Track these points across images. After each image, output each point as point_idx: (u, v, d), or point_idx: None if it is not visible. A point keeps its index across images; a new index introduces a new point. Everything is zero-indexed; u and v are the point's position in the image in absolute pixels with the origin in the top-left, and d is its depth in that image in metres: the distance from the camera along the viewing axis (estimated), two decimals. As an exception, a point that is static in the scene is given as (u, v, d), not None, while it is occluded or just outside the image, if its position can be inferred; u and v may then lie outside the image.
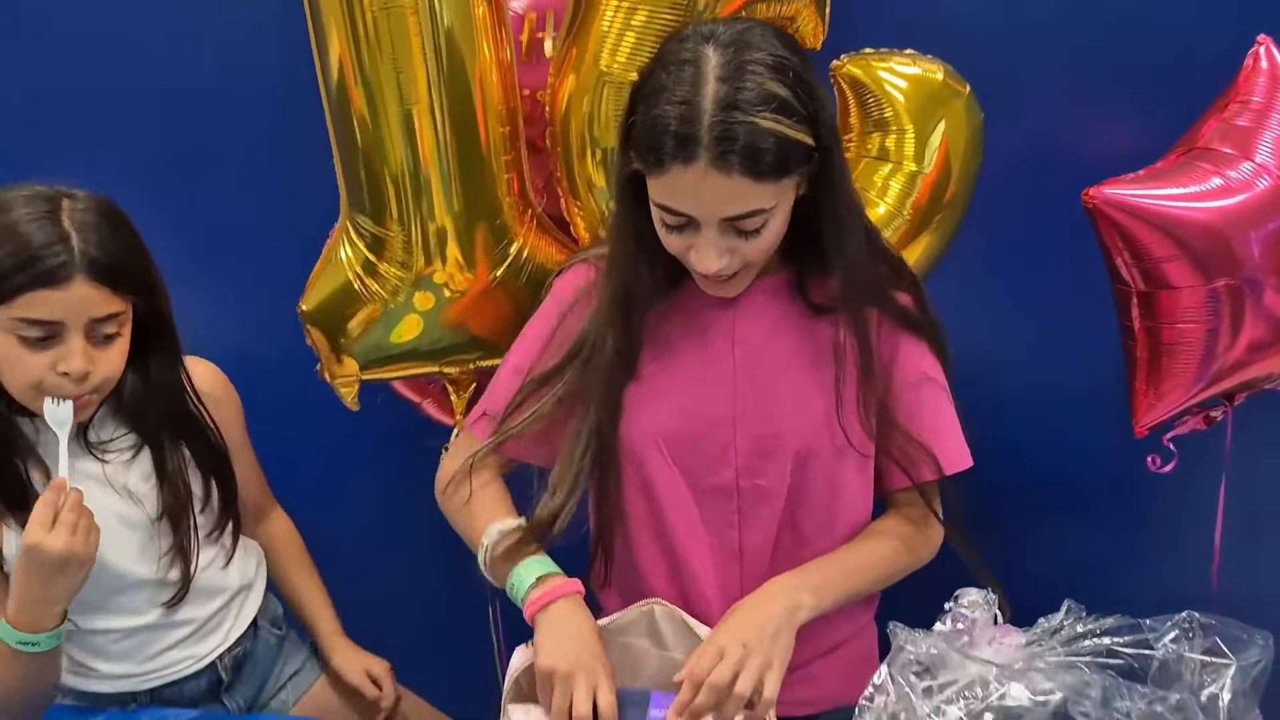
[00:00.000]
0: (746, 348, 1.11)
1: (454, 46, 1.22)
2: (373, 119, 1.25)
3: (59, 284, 1.06)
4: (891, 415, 1.10)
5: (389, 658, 1.41)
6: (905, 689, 0.97)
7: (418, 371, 1.40)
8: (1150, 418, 1.26)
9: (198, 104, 1.59)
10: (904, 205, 1.27)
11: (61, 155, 1.48)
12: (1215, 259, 1.15)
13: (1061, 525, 1.57)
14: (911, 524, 1.15)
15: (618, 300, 1.08)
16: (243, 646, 1.33)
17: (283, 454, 1.41)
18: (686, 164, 0.94)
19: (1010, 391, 1.50)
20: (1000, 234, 1.39)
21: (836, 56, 1.29)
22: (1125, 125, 1.39)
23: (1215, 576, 1.38)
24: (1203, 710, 0.93)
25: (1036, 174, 1.35)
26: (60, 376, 1.08)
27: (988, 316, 1.46)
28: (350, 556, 1.58)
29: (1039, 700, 0.98)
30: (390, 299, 1.32)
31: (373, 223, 1.30)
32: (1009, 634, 1.03)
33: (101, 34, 1.57)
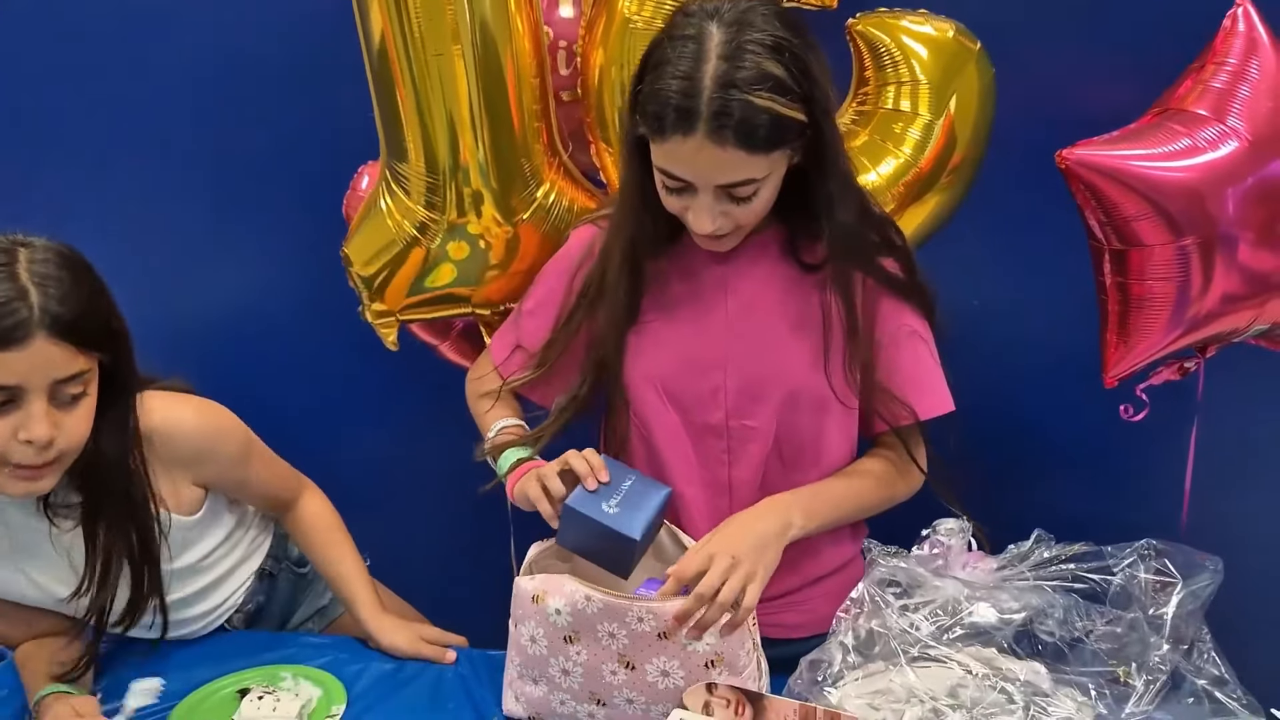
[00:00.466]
0: (738, 298, 1.18)
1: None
2: (410, 67, 1.29)
3: (17, 344, 0.96)
4: (873, 372, 1.17)
5: (413, 587, 1.45)
6: (881, 603, 1.05)
7: (453, 313, 1.46)
8: (1119, 369, 1.30)
9: (230, 43, 1.63)
10: (920, 155, 1.32)
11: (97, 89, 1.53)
12: (1184, 217, 1.18)
13: (1040, 471, 1.63)
14: (892, 463, 1.22)
15: (623, 249, 1.16)
16: (254, 602, 1.37)
17: (316, 392, 1.45)
18: (685, 135, 1.01)
19: (995, 342, 1.56)
20: (988, 190, 1.43)
21: (853, 15, 1.34)
22: (1115, 84, 1.42)
23: (1185, 519, 1.45)
24: (1152, 627, 1.00)
25: (1022, 132, 1.39)
26: (23, 445, 0.99)
27: (974, 268, 1.51)
28: (376, 491, 1.66)
29: (1005, 618, 1.05)
30: (428, 244, 1.38)
31: (409, 170, 1.36)
32: (981, 559, 1.11)
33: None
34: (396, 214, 1.38)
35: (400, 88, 1.31)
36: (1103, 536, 1.07)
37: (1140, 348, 1.28)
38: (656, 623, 1.01)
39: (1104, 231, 1.23)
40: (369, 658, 1.27)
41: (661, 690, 1.03)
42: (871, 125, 1.34)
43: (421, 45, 1.28)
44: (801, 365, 1.17)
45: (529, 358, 1.25)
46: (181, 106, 1.53)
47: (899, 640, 1.03)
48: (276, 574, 1.41)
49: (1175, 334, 1.27)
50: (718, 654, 1.01)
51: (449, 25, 1.26)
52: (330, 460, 1.47)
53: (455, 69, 1.29)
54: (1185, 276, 1.21)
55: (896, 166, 1.33)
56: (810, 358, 1.17)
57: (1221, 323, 1.27)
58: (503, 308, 1.45)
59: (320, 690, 1.20)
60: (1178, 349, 1.30)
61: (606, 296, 1.18)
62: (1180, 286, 1.22)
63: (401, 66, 1.30)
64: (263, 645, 1.30)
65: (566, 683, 1.07)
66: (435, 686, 1.22)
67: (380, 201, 1.39)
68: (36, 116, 1.70)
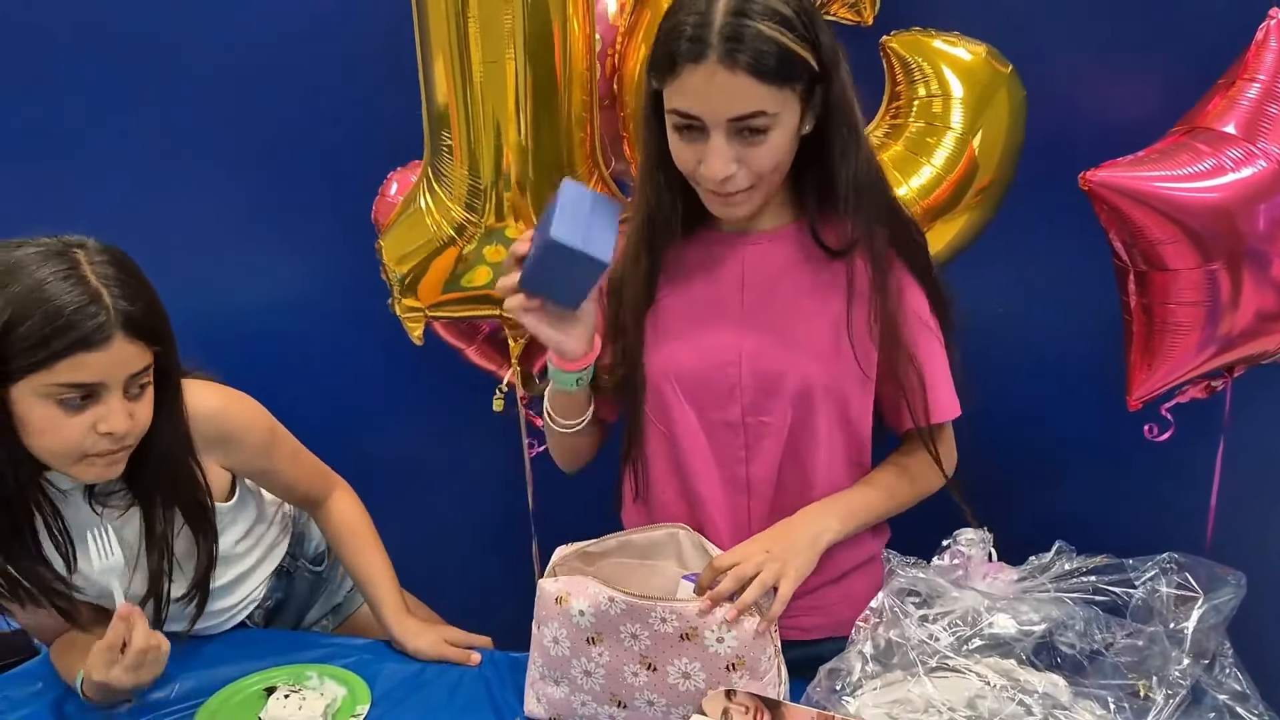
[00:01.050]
0: (754, 292, 1.19)
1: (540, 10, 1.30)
2: (461, 71, 1.32)
3: (99, 346, 1.02)
4: (899, 336, 1.17)
5: (435, 589, 1.47)
6: (900, 614, 1.05)
7: (483, 314, 1.49)
8: (1143, 391, 1.29)
9: (265, 48, 1.67)
10: (950, 170, 1.34)
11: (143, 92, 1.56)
12: (1211, 241, 1.16)
13: (1064, 483, 1.63)
14: (918, 460, 1.24)
15: (643, 231, 1.18)
16: (273, 598, 1.41)
17: (342, 394, 1.48)
18: (697, 62, 1.04)
19: (1023, 358, 1.56)
20: (1017, 201, 1.44)
21: (887, 32, 1.37)
22: (1142, 100, 1.43)
23: (1210, 534, 1.44)
24: (1173, 641, 1.00)
25: (1047, 148, 1.40)
26: (101, 436, 1.05)
27: (1000, 277, 1.51)
28: (400, 492, 1.68)
29: (1025, 630, 1.05)
30: (464, 245, 1.41)
31: (452, 171, 1.39)
32: (1001, 570, 1.10)
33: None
34: (435, 213, 1.41)
35: (451, 90, 1.34)
36: (1127, 550, 1.07)
37: (1165, 370, 1.26)
38: (679, 624, 1.02)
39: (1129, 254, 1.22)
40: (393, 658, 1.30)
41: (682, 692, 1.04)
42: (903, 139, 1.36)
43: (479, 48, 1.31)
44: (818, 359, 1.17)
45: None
46: (216, 109, 1.58)
47: (918, 650, 1.03)
48: (294, 572, 1.44)
49: (1203, 357, 1.26)
50: (739, 657, 1.02)
51: (505, 31, 1.30)
52: (354, 461, 1.49)
53: (506, 75, 1.32)
54: (1213, 300, 1.20)
55: (928, 179, 1.35)
56: (828, 345, 1.17)
57: (1251, 345, 1.26)
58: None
59: (345, 690, 1.22)
60: (1205, 371, 1.29)
61: (627, 276, 1.19)
62: (1208, 310, 1.21)
63: (454, 70, 1.33)
64: (288, 644, 1.32)
65: (588, 684, 1.08)
66: (457, 687, 1.24)
67: (420, 199, 1.42)
68: (73, 117, 1.75)
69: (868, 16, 1.39)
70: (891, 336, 1.17)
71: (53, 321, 1.00)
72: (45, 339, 1.00)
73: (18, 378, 1.01)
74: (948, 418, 1.22)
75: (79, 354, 1.01)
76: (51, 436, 1.05)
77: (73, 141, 1.76)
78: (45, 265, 1.02)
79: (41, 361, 1.01)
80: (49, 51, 1.73)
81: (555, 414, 1.22)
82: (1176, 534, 1.30)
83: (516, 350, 1.50)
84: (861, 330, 1.16)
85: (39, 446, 1.06)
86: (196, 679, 1.25)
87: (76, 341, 1.01)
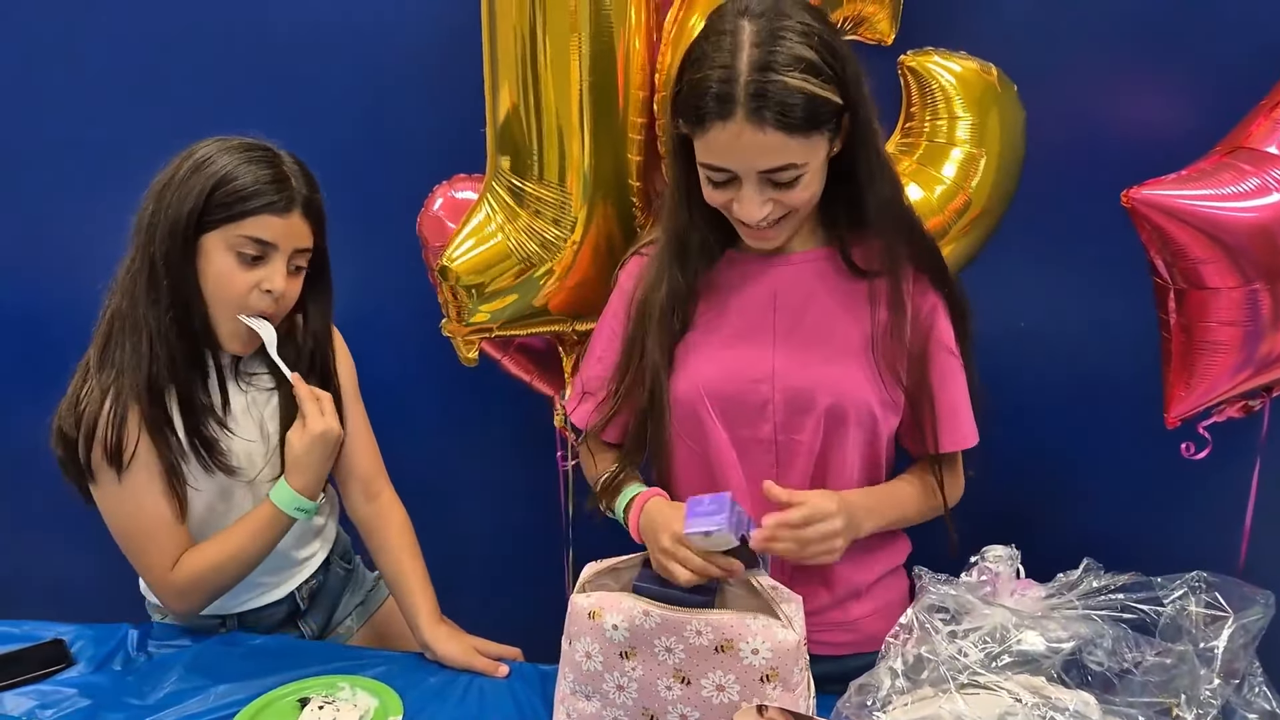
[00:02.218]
0: (786, 313, 1.21)
1: (604, 26, 1.36)
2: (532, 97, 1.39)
3: (283, 212, 1.25)
4: (923, 360, 1.19)
5: (464, 604, 1.48)
6: (930, 630, 1.06)
7: (544, 330, 1.52)
8: (1181, 409, 1.29)
9: (309, 64, 1.71)
10: (962, 184, 1.37)
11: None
12: (1253, 261, 1.16)
13: (1092, 501, 1.63)
14: (929, 482, 1.26)
15: (672, 253, 1.20)
16: (317, 579, 1.47)
17: (374, 405, 1.50)
18: (725, 120, 1.06)
19: (1051, 373, 1.57)
20: (1046, 223, 1.46)
21: (904, 50, 1.40)
22: (1167, 121, 1.45)
23: (1244, 554, 1.44)
24: (1203, 660, 1.01)
25: (1083, 167, 1.42)
26: (263, 294, 1.26)
27: (1037, 299, 1.52)
28: (431, 506, 1.69)
29: (1054, 647, 1.06)
30: (536, 262, 1.45)
31: (537, 189, 1.44)
32: (1030, 587, 1.11)
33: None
34: (517, 232, 1.45)
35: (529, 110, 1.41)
36: (1160, 569, 1.08)
37: (1203, 390, 1.26)
38: (714, 636, 1.04)
39: (1169, 272, 1.22)
40: (422, 670, 1.31)
41: (716, 705, 1.05)
42: (918, 154, 1.40)
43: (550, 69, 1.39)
44: (849, 378, 1.19)
45: (599, 401, 1.27)
46: (261, 125, 1.62)
47: (948, 666, 1.04)
48: (332, 560, 1.50)
49: (1241, 377, 1.25)
50: (773, 669, 1.03)
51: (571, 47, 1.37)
52: (389, 474, 1.50)
53: (571, 94, 1.39)
54: (1254, 320, 1.20)
55: (942, 194, 1.37)
56: (858, 367, 1.19)
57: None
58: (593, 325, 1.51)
59: (377, 700, 1.23)
60: (1243, 391, 1.29)
61: (655, 305, 1.21)
62: (1247, 330, 1.21)
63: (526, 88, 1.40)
64: (319, 654, 1.34)
65: (621, 698, 1.09)
66: (486, 699, 1.25)
67: (490, 217, 1.47)
68: (110, 128, 1.79)
69: (888, 38, 1.42)
70: (916, 360, 1.19)
71: (253, 185, 1.23)
72: (244, 198, 1.23)
73: (214, 227, 1.24)
74: (959, 447, 1.23)
75: (266, 215, 1.24)
76: (225, 284, 1.25)
77: (107, 156, 1.79)
78: (249, 150, 1.26)
79: (237, 215, 1.23)
80: (87, 55, 1.77)
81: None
82: (1210, 553, 1.30)
83: (569, 365, 1.53)
84: (890, 352, 1.18)
85: (213, 293, 1.26)
86: (230, 688, 1.27)
87: (267, 204, 1.24)
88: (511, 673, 1.30)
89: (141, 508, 1.29)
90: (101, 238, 1.29)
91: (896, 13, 1.40)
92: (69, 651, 1.35)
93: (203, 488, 1.33)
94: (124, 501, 1.29)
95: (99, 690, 1.28)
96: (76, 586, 1.89)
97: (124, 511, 1.30)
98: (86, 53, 1.78)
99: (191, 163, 1.25)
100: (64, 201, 1.87)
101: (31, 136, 1.84)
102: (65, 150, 1.83)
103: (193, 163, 1.25)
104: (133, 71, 1.76)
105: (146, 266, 1.25)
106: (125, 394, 1.26)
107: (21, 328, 1.95)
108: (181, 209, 1.23)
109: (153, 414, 1.27)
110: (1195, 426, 1.36)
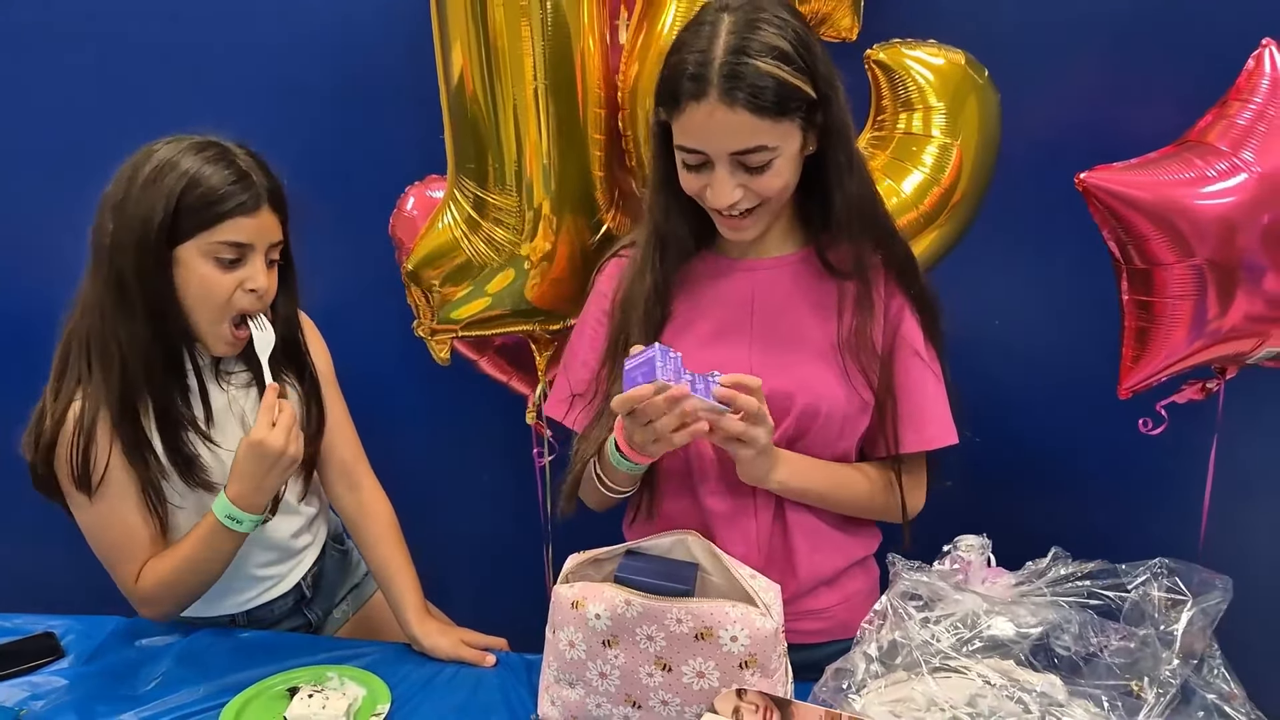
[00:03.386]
0: (763, 315, 1.24)
1: (561, 25, 1.36)
2: (487, 98, 1.38)
3: (253, 211, 1.23)
4: (889, 361, 1.22)
5: (452, 594, 1.50)
6: (904, 615, 1.10)
7: (512, 330, 1.53)
8: (1132, 380, 1.36)
9: (282, 67, 1.71)
10: (939, 175, 1.39)
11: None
12: (1194, 238, 1.25)
13: (1060, 488, 1.67)
14: (884, 479, 1.28)
15: (652, 243, 1.23)
16: (319, 565, 1.49)
17: (357, 404, 1.52)
18: (699, 100, 1.09)
19: (1017, 367, 1.61)
20: (1017, 222, 1.49)
21: (870, 46, 1.42)
22: (1136, 116, 1.48)
23: (1202, 537, 1.49)
24: (1164, 643, 1.05)
25: (1056, 164, 1.44)
26: (247, 294, 1.25)
27: (996, 289, 1.56)
28: (414, 502, 1.71)
29: (1023, 632, 1.09)
30: (495, 262, 1.46)
31: (479, 188, 1.44)
32: (1000, 575, 1.15)
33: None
34: (472, 235, 1.46)
35: (485, 108, 1.40)
36: (1122, 554, 1.11)
37: (1153, 361, 1.33)
38: (694, 624, 1.06)
39: (1122, 250, 1.29)
40: (409, 660, 1.33)
41: (697, 691, 1.08)
42: (890, 148, 1.41)
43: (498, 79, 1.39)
44: (823, 379, 1.22)
45: (588, 402, 1.28)
46: (238, 125, 1.63)
47: (921, 651, 1.08)
48: (326, 547, 1.51)
49: (1192, 349, 1.32)
50: (752, 655, 1.06)
51: (524, 58, 1.37)
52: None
53: (527, 98, 1.39)
54: (1199, 294, 1.27)
55: (916, 186, 1.39)
56: (830, 371, 1.22)
57: (1238, 343, 1.32)
58: (560, 326, 1.52)
59: (365, 690, 1.25)
60: (1193, 365, 1.35)
61: (640, 298, 1.23)
62: (1194, 304, 1.28)
63: (475, 94, 1.39)
64: (307, 647, 1.37)
65: (604, 686, 1.12)
66: (473, 687, 1.27)
67: (448, 218, 1.47)
68: (92, 137, 1.78)
69: (851, 34, 1.44)
70: (883, 361, 1.22)
71: (220, 189, 1.21)
72: (213, 203, 1.21)
73: (187, 236, 1.21)
74: (921, 448, 1.25)
75: (238, 218, 1.22)
76: (209, 290, 1.23)
77: (73, 149, 1.79)
78: (203, 152, 1.23)
79: (208, 221, 1.21)
80: (65, 57, 1.77)
81: (615, 485, 1.23)
82: (1170, 538, 1.34)
83: (543, 363, 1.55)
84: (859, 353, 1.21)
85: (195, 301, 1.24)
86: (220, 681, 1.29)
87: (237, 206, 1.22)
88: (499, 661, 1.32)
89: (112, 525, 1.30)
90: (76, 236, 1.28)
91: (857, 8, 1.42)
92: (60, 644, 1.37)
93: (186, 504, 1.33)
94: (97, 519, 1.30)
95: (90, 682, 1.30)
96: (63, 580, 1.89)
97: (97, 527, 1.30)
98: (61, 56, 1.77)
99: (149, 171, 1.21)
100: (55, 204, 1.87)
101: (23, 138, 1.84)
102: (57, 152, 1.83)
103: (150, 171, 1.21)
104: (107, 73, 1.76)
105: (115, 283, 1.22)
106: (91, 416, 1.24)
107: (2, 329, 1.94)
108: (150, 222, 1.19)
109: (127, 434, 1.25)
110: (1155, 405, 1.41)
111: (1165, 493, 1.59)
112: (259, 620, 1.44)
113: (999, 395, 1.35)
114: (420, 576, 1.43)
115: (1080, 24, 1.52)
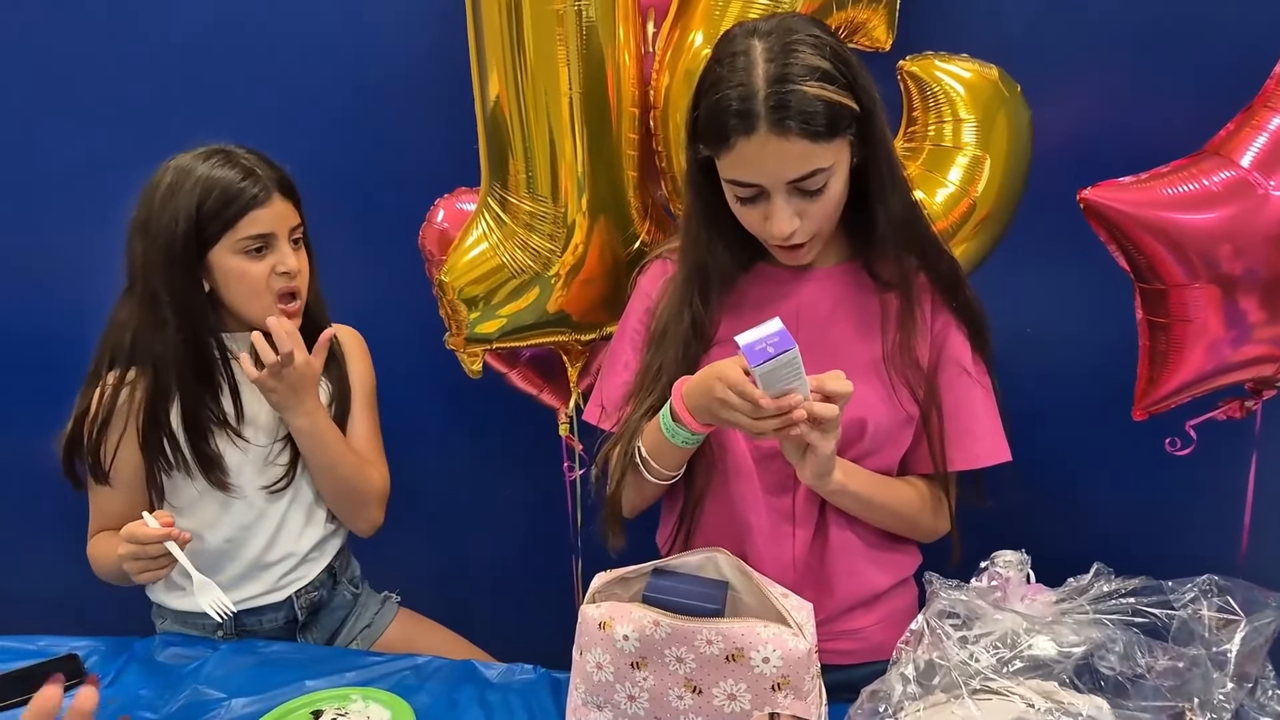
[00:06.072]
0: (810, 328, 1.21)
1: (594, 38, 1.36)
2: (520, 113, 1.40)
3: (265, 203, 1.33)
4: (934, 377, 1.19)
5: (479, 610, 1.50)
6: (941, 635, 1.06)
7: (546, 340, 1.53)
8: (1147, 401, 1.32)
9: (312, 78, 1.72)
10: (968, 187, 1.38)
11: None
12: (1200, 259, 1.20)
13: (1099, 506, 1.63)
14: (931, 496, 1.25)
15: (691, 279, 1.20)
16: (319, 593, 1.48)
17: (385, 417, 1.52)
18: (749, 135, 1.07)
19: (1055, 379, 1.57)
20: (1050, 228, 1.46)
21: (903, 57, 1.40)
22: (1164, 125, 1.45)
23: (1243, 554, 1.44)
24: (1215, 664, 1.01)
25: (1086, 170, 1.42)
26: (280, 276, 1.35)
27: (1042, 304, 1.52)
28: (442, 517, 1.71)
29: (1065, 651, 1.06)
30: (531, 275, 1.46)
31: (515, 197, 1.44)
32: (1040, 592, 1.11)
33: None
34: (508, 245, 1.46)
35: (518, 122, 1.41)
36: (1160, 571, 1.07)
37: (1168, 383, 1.29)
38: (725, 645, 1.04)
39: (1133, 267, 1.26)
40: (433, 679, 1.31)
41: (727, 714, 1.05)
42: (922, 159, 1.40)
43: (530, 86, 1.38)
44: (869, 393, 1.19)
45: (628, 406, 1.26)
46: (263, 140, 1.63)
47: (959, 672, 1.04)
48: (339, 582, 1.51)
49: (1205, 373, 1.28)
50: (784, 677, 1.04)
51: (559, 68, 1.38)
52: (397, 485, 1.51)
53: (562, 107, 1.39)
54: (1210, 315, 1.22)
55: (946, 198, 1.38)
56: (877, 386, 1.19)
57: (1259, 368, 1.28)
58: (597, 335, 1.51)
59: (389, 712, 1.23)
60: (1213, 388, 1.30)
61: (678, 337, 1.21)
62: (1200, 326, 1.23)
63: (511, 104, 1.40)
64: (331, 661, 1.35)
65: (632, 709, 1.10)
66: (499, 709, 1.25)
67: (483, 230, 1.47)
68: (115, 145, 1.79)
69: (886, 44, 1.42)
70: (928, 375, 1.19)
71: (230, 191, 1.31)
72: (228, 202, 1.31)
73: (215, 241, 1.32)
74: (969, 466, 1.23)
75: (254, 211, 1.32)
76: (246, 281, 1.34)
77: (111, 163, 1.80)
78: (208, 160, 1.33)
79: (229, 221, 1.31)
80: (85, 77, 1.78)
81: (661, 466, 1.20)
82: (1210, 554, 1.30)
83: (574, 374, 1.53)
84: (903, 367, 1.19)
85: (236, 295, 1.35)
86: (246, 699, 1.27)
87: (251, 200, 1.32)
88: (524, 679, 1.30)
89: (99, 502, 1.43)
90: (101, 246, 1.31)
91: (893, 19, 1.40)
92: (83, 667, 1.36)
93: (189, 505, 1.41)
94: (96, 496, 1.44)
95: (113, 705, 1.28)
96: (81, 598, 1.90)
97: (93, 498, 1.44)
98: (82, 67, 1.79)
99: (164, 190, 1.32)
100: (60, 211, 1.88)
101: (32, 146, 1.85)
102: (68, 160, 1.84)
103: (165, 189, 1.31)
104: (133, 85, 1.77)
105: (149, 299, 1.33)
106: (109, 408, 1.35)
107: (22, 340, 1.96)
108: (174, 235, 1.30)
109: (152, 436, 1.36)
110: (1185, 425, 1.37)
111: (1205, 508, 1.55)
112: (248, 630, 1.46)
113: (1037, 408, 1.32)
114: (446, 592, 1.44)
115: (1110, 34, 1.49)
